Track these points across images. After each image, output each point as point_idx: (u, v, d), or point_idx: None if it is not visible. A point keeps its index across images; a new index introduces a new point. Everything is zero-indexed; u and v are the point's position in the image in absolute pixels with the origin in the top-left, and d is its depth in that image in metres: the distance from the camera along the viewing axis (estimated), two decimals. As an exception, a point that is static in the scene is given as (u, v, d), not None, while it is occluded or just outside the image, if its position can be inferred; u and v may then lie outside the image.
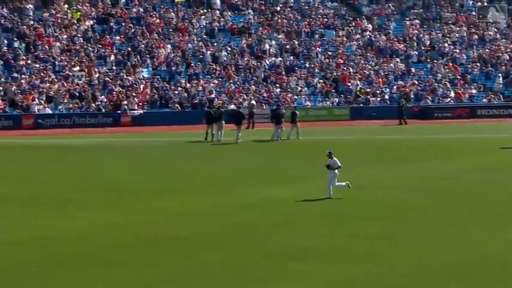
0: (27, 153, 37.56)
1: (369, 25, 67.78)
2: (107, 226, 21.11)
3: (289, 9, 68.19)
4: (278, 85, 58.12)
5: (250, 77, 58.39)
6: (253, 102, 52.42)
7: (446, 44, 66.84)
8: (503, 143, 40.10)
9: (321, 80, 59.50)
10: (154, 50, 58.51)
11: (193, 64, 57.95)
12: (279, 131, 42.58)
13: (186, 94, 54.47)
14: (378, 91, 59.98)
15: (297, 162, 34.11)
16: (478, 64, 64.55)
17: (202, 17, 63.74)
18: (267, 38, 62.82)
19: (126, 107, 52.01)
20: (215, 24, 63.31)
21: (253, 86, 56.92)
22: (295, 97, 56.16)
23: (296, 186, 27.77)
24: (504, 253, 18.65)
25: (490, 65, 64.40)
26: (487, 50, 66.40)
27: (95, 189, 26.87)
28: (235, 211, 23.42)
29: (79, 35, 58.11)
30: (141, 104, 53.07)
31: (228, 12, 65.27)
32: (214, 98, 53.43)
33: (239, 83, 57.35)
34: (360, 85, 59.61)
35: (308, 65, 60.96)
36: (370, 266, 17.38)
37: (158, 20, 62.04)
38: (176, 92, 54.64)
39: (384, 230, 20.91)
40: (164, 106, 53.65)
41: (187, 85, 55.61)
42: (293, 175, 30.38)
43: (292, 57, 61.68)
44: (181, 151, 38.99)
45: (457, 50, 66.24)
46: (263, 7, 67.62)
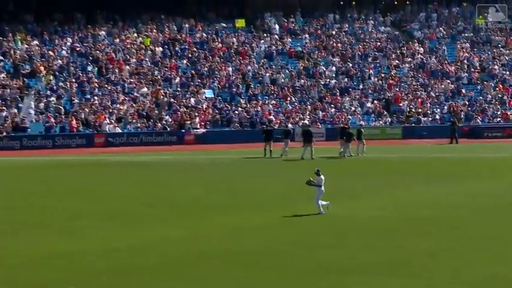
0: (98, 169, 37.88)
1: (421, 48, 67.02)
2: (172, 240, 21.00)
3: (343, 33, 67.90)
4: (333, 105, 57.79)
5: (306, 98, 58.14)
6: (306, 121, 52.10)
7: (496, 66, 65.68)
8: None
9: (375, 101, 59.00)
10: (216, 73, 58.76)
11: (252, 86, 57.99)
12: (347, 149, 42.29)
13: (246, 114, 54.50)
14: (429, 111, 59.16)
15: (356, 178, 33.60)
16: (527, 85, 63.45)
17: (261, 41, 63.84)
18: (323, 61, 62.56)
19: (189, 126, 52.29)
20: (273, 48, 63.32)
21: (309, 106, 56.68)
22: (349, 117, 55.75)
23: (354, 202, 27.29)
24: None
25: (539, 87, 63.18)
26: (536, 72, 65.23)
27: (161, 205, 26.83)
28: (293, 226, 23.09)
29: (147, 59, 58.72)
30: (204, 123, 53.31)
31: (288, 38, 65.24)
32: (272, 119, 53.34)
33: (296, 103, 57.20)
34: (411, 106, 58.91)
35: (362, 86, 60.50)
36: (429, 280, 16.89)
37: (220, 45, 62.32)
38: (236, 112, 54.72)
39: (440, 245, 20.33)
40: (225, 125, 53.80)
41: (247, 105, 55.66)
42: (352, 191, 29.89)
43: (346, 79, 61.28)
44: (241, 167, 38.86)
45: (507, 72, 65.03)
46: (319, 31, 67.45)
